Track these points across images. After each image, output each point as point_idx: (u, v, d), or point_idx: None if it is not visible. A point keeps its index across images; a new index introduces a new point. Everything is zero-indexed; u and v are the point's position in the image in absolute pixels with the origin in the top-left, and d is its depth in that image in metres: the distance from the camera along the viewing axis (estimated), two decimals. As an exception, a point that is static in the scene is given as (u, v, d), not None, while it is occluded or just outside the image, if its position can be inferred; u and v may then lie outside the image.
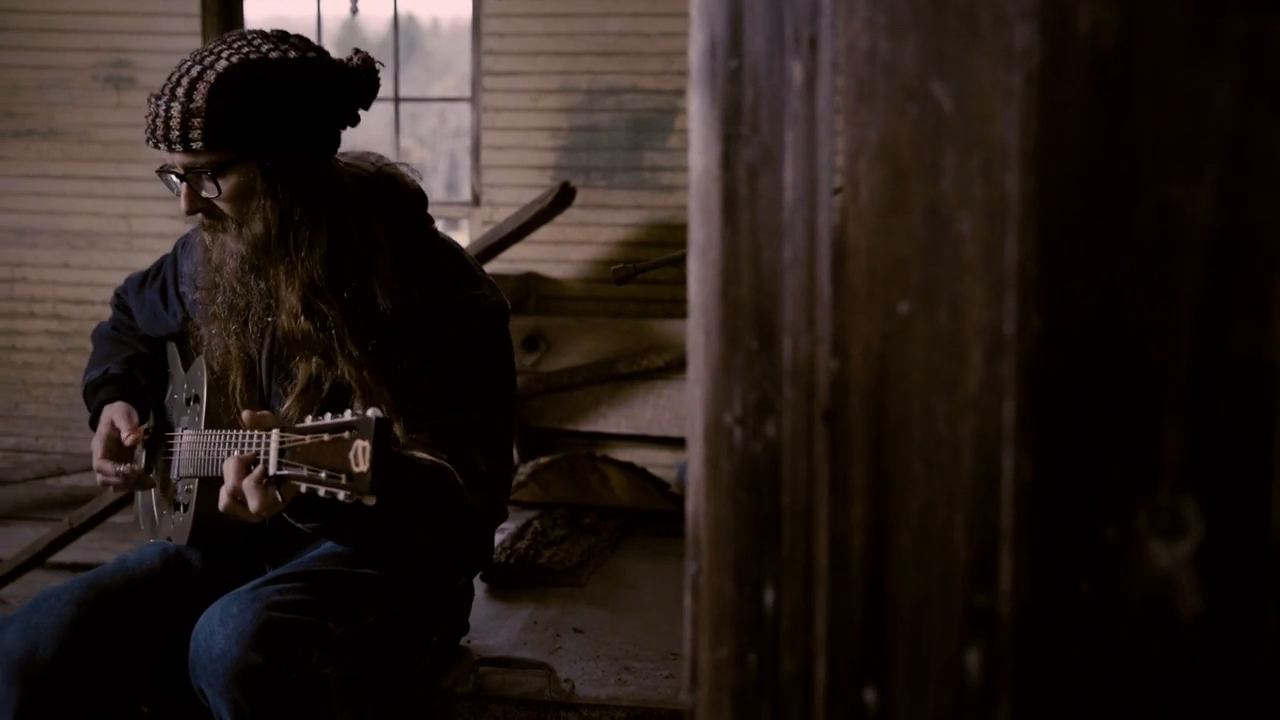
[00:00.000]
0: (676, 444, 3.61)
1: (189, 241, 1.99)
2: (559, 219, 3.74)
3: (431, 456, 1.67)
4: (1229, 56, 0.57)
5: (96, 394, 1.95)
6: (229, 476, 1.55)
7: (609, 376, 3.62)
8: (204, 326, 1.85)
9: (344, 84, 1.73)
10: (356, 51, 1.77)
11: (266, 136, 1.69)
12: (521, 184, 3.85)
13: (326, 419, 1.48)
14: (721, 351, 0.77)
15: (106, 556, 3.69)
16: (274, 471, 1.51)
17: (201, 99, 1.65)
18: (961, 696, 0.65)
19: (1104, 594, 0.60)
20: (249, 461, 1.54)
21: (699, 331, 0.78)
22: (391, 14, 4.12)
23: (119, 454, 1.88)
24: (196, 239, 1.94)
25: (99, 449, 1.87)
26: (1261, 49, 0.57)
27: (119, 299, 2.12)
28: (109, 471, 1.87)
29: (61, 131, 4.08)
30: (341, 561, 1.78)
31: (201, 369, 1.88)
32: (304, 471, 1.47)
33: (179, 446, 1.87)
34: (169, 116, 1.68)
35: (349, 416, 1.46)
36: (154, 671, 1.76)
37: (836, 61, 0.70)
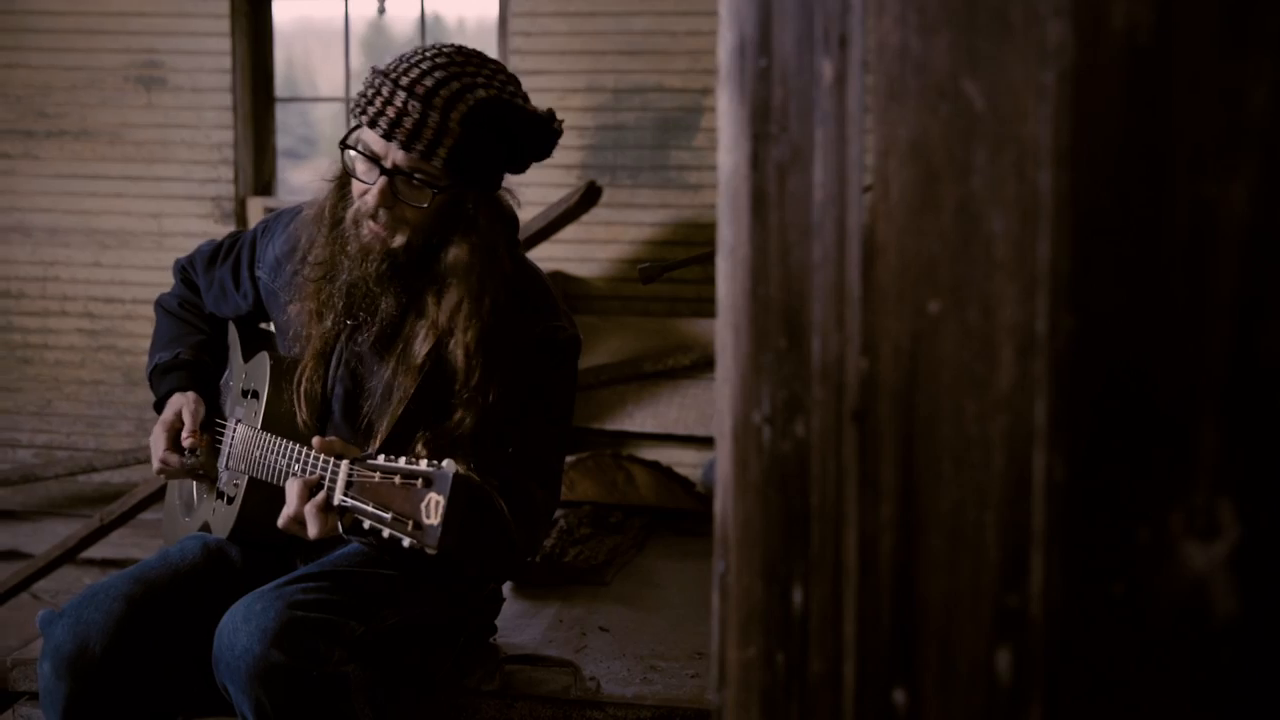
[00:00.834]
0: (702, 443, 3.60)
1: (271, 227, 1.99)
2: (585, 218, 3.74)
3: (486, 488, 1.66)
4: (1265, 55, 0.56)
5: (165, 377, 1.95)
6: (291, 498, 1.57)
7: (635, 375, 3.62)
8: (299, 303, 1.83)
9: (548, 142, 1.78)
10: (551, 112, 1.79)
11: (487, 177, 1.75)
12: (548, 183, 3.85)
13: (401, 463, 1.48)
14: (750, 350, 0.77)
15: (137, 552, 3.73)
16: (338, 501, 1.53)
17: (457, 124, 1.66)
18: (991, 698, 0.65)
19: (1137, 596, 0.60)
20: (313, 486, 1.56)
21: (727, 330, 0.78)
22: (418, 14, 4.14)
23: (179, 445, 1.88)
24: (281, 226, 1.95)
25: (164, 440, 1.88)
26: (1299, 45, 0.56)
27: (185, 271, 2.09)
28: (172, 463, 1.88)
29: (93, 132, 4.12)
30: (367, 562, 1.79)
31: (265, 364, 1.86)
32: (369, 508, 1.48)
33: (230, 437, 1.88)
34: (422, 122, 1.65)
35: (425, 466, 1.46)
36: (196, 663, 1.78)
37: (866, 60, 0.70)
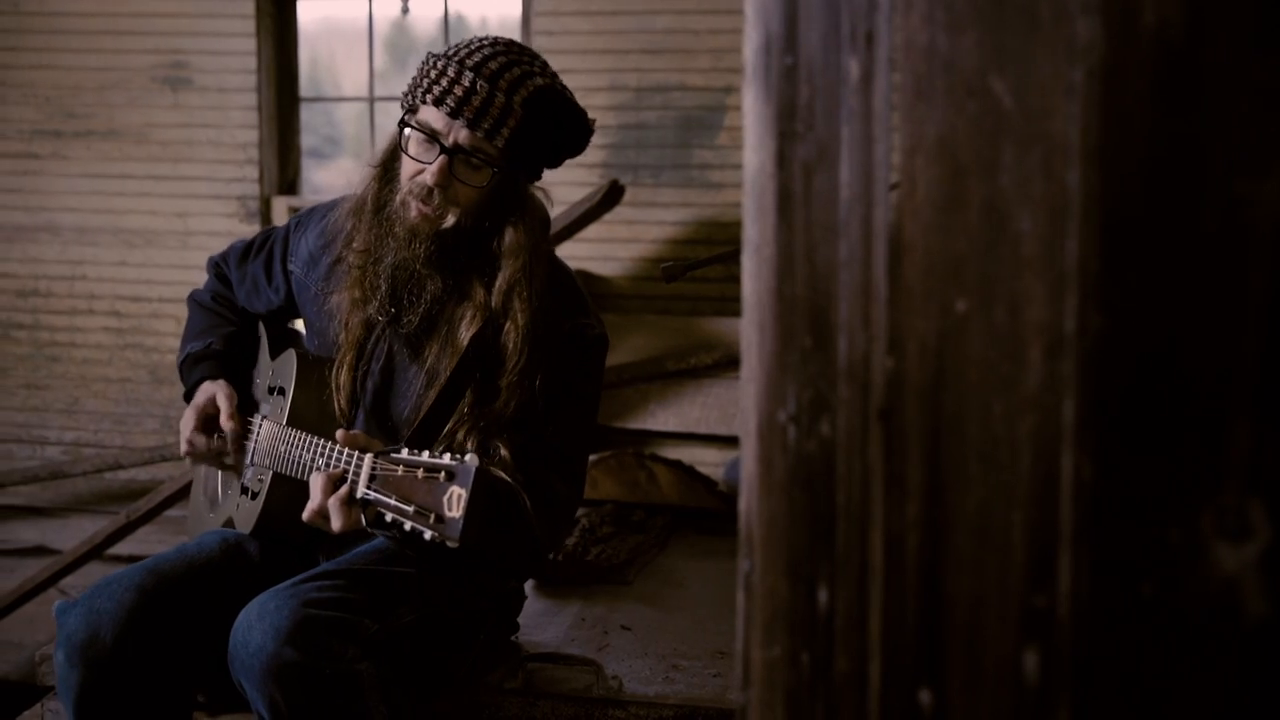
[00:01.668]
0: (725, 442, 3.60)
1: (304, 221, 2.01)
2: (607, 217, 3.75)
3: (511, 482, 1.68)
4: (1299, 50, 0.56)
5: (197, 366, 1.96)
6: (315, 492, 1.59)
7: (657, 374, 3.62)
8: (340, 292, 1.84)
9: (585, 138, 1.83)
10: (587, 113, 1.85)
11: (536, 164, 1.79)
12: (570, 182, 3.86)
13: (424, 456, 1.50)
14: (775, 349, 0.76)
15: (162, 549, 3.75)
16: (361, 495, 1.54)
17: (520, 106, 1.71)
18: (1018, 698, 0.65)
19: (1167, 597, 0.59)
20: (336, 479, 1.57)
21: (753, 329, 0.78)
22: (441, 13, 4.15)
23: (210, 428, 1.90)
24: (314, 221, 1.97)
25: (193, 420, 1.89)
26: (1333, 42, 0.55)
27: (218, 267, 2.11)
28: (200, 445, 1.89)
29: (120, 132, 4.16)
30: (384, 560, 1.79)
31: (292, 361, 1.88)
32: (392, 501, 1.50)
33: (257, 433, 1.89)
34: (490, 101, 1.70)
35: (448, 460, 1.48)
36: (211, 657, 1.79)
37: (893, 57, 0.70)
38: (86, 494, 4.25)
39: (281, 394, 1.87)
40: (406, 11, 4.19)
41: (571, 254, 3.81)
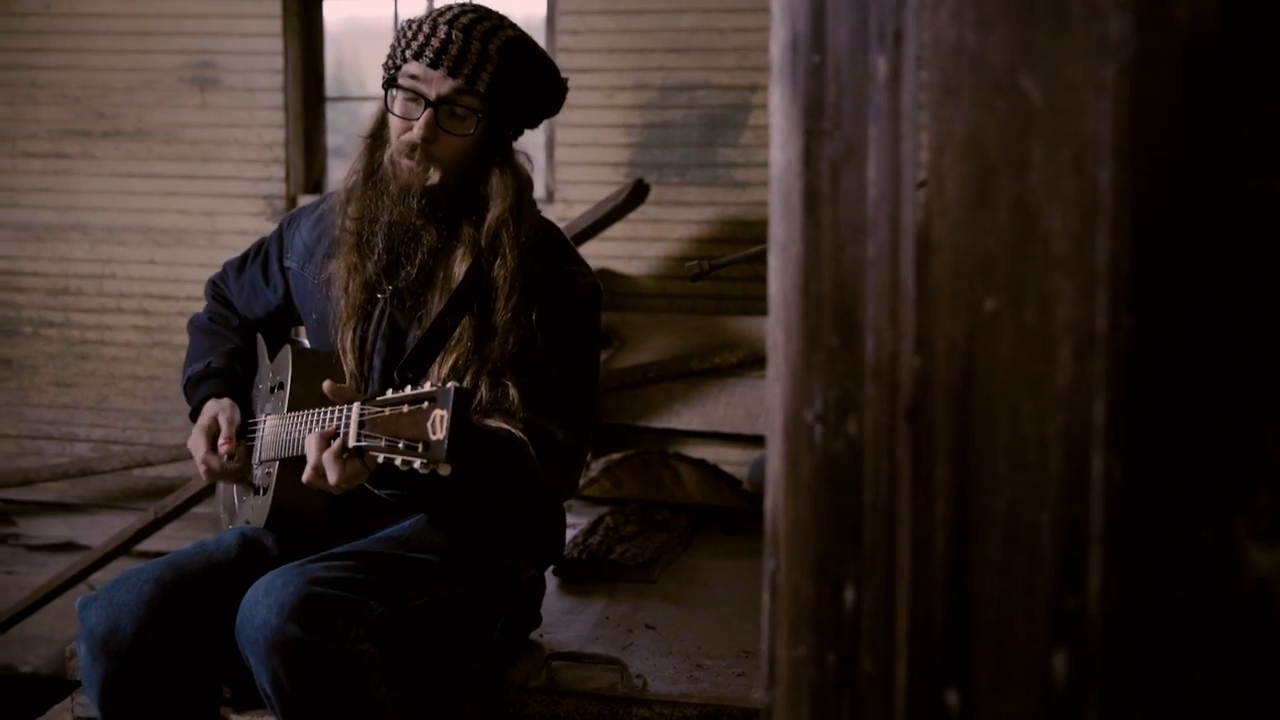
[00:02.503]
0: (749, 441, 3.59)
1: (296, 218, 2.06)
2: (632, 216, 3.74)
3: (508, 426, 1.72)
4: (1335, 45, 0.55)
5: (199, 387, 2.00)
6: (311, 452, 1.61)
7: (682, 373, 3.62)
8: (338, 258, 1.89)
9: (559, 95, 1.91)
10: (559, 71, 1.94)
11: (516, 111, 1.85)
12: (595, 180, 3.86)
13: (406, 391, 1.52)
14: (802, 348, 0.76)
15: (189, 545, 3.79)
16: (353, 444, 1.56)
17: (496, 52, 1.78)
18: (1047, 700, 0.64)
19: (1198, 598, 0.59)
20: (330, 436, 1.59)
21: (779, 328, 0.78)
22: (467, 13, 4.16)
23: (217, 448, 1.93)
24: (306, 216, 2.03)
25: (203, 444, 1.93)
26: (1369, 37, 0.55)
27: (215, 287, 2.17)
28: (215, 465, 1.93)
29: (149, 132, 4.19)
30: (397, 545, 1.81)
31: (287, 357, 1.91)
32: (382, 442, 1.52)
33: (261, 432, 1.91)
34: (466, 48, 1.76)
35: (428, 387, 1.50)
36: (233, 651, 1.81)
37: (921, 55, 0.69)
38: (115, 491, 4.29)
39: (281, 388, 1.90)
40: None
41: (596, 253, 3.82)
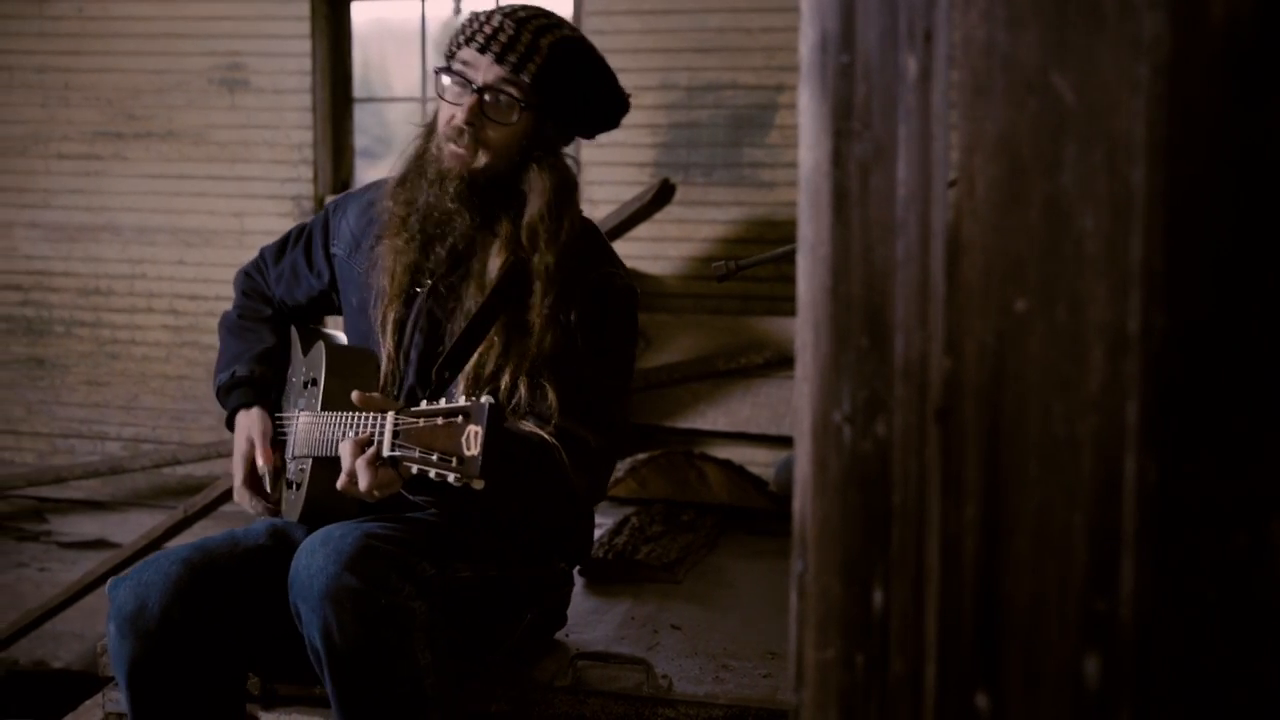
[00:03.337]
0: (775, 442, 3.59)
1: (343, 204, 2.06)
2: (658, 216, 3.74)
3: (540, 432, 1.72)
4: (1373, 43, 0.54)
5: (229, 396, 2.02)
6: (345, 458, 1.63)
7: (707, 373, 3.62)
8: (384, 241, 1.91)
9: (618, 107, 1.91)
10: (621, 86, 1.94)
11: (564, 112, 1.85)
12: (621, 181, 3.86)
13: (440, 404, 1.54)
14: (831, 349, 0.76)
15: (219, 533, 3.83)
16: (387, 453, 1.58)
17: (546, 47, 1.81)
18: (1078, 703, 0.64)
19: (1233, 601, 0.58)
20: (364, 443, 1.61)
21: (808, 328, 0.77)
22: (494, 14, 4.18)
23: (255, 479, 1.95)
24: (353, 202, 2.04)
25: (241, 473, 1.95)
26: None
27: (247, 278, 2.16)
28: (246, 502, 1.95)
29: (179, 133, 4.23)
30: (444, 519, 1.83)
31: (321, 353, 1.93)
32: (416, 453, 1.54)
33: (294, 428, 1.93)
34: (516, 37, 1.79)
35: (462, 402, 1.52)
36: (261, 642, 1.82)
37: (952, 54, 0.69)
38: (145, 489, 4.33)
39: (315, 384, 1.92)
40: (459, 12, 4.22)
41: (623, 253, 3.79)
